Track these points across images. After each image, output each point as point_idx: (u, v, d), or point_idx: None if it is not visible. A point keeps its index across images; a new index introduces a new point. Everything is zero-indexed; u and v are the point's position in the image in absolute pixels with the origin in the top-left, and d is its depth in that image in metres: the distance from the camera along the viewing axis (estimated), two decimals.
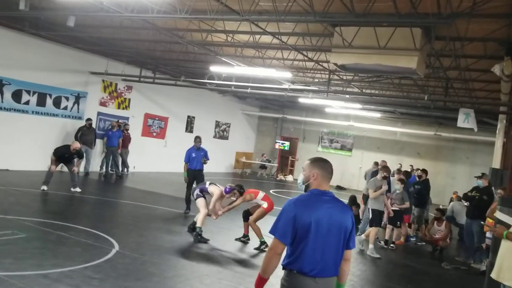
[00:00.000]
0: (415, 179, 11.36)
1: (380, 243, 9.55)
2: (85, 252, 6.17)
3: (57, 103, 13.75)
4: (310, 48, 10.22)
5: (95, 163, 14.95)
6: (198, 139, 10.34)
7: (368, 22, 7.29)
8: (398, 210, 9.44)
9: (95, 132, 14.37)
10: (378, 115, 19.74)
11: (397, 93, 14.45)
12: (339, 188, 20.81)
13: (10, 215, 7.52)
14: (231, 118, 22.52)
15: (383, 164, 10.53)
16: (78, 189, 10.70)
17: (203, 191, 7.94)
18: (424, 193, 10.85)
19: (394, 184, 9.82)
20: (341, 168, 21.35)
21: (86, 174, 13.97)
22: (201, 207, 7.81)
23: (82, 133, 13.86)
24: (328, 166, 2.96)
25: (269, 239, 3.96)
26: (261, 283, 2.81)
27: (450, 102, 12.43)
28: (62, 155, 10.51)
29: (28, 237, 6.48)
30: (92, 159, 14.54)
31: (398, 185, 9.68)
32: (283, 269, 2.85)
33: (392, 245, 9.50)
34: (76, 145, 10.65)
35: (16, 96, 12.56)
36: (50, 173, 10.36)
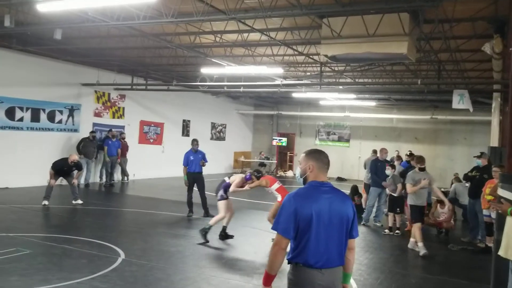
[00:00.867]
0: (407, 165, 11.32)
1: (385, 231, 9.57)
2: (91, 263, 6.15)
3: (51, 117, 13.73)
4: (299, 42, 10.20)
5: (96, 175, 15.00)
6: (195, 142, 10.38)
7: (355, 11, 7.28)
8: (396, 196, 9.42)
9: (97, 144, 14.47)
10: (373, 103, 19.75)
11: (390, 80, 14.44)
12: (340, 179, 20.88)
13: (13, 233, 7.50)
14: (226, 119, 22.52)
15: (414, 156, 9.54)
16: (79, 201, 10.71)
17: (227, 189, 7.86)
18: None
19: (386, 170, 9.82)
20: (340, 159, 21.39)
21: (87, 185, 13.99)
22: (220, 210, 7.83)
23: (84, 144, 14.00)
24: (323, 157, 2.95)
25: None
26: (268, 279, 2.81)
27: (444, 84, 12.43)
28: (61, 168, 10.49)
29: (33, 253, 6.46)
30: (93, 170, 14.60)
31: (389, 170, 9.68)
32: (288, 263, 2.85)
33: (397, 231, 9.50)
34: (73, 157, 10.63)
35: (10, 113, 12.53)
36: (50, 187, 10.35)
